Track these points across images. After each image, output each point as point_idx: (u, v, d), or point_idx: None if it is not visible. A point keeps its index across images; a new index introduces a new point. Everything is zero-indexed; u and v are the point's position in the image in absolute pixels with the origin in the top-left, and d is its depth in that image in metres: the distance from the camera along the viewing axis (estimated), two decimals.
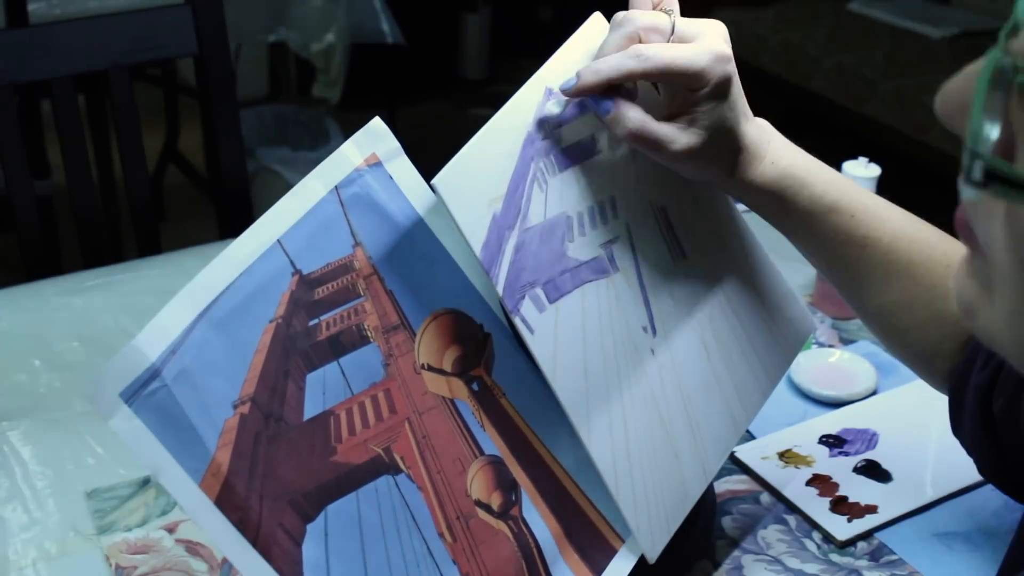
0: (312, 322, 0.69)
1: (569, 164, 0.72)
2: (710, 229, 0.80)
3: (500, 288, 0.67)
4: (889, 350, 0.82)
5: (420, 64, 3.57)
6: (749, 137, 0.73)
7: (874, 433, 1.01)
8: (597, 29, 0.75)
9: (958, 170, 0.38)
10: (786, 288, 0.86)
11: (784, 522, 0.92)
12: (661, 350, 0.76)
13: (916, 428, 1.01)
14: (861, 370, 1.08)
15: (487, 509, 0.71)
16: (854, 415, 1.04)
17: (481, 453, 0.71)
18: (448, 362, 0.72)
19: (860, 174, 1.13)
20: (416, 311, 0.71)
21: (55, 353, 1.10)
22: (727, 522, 0.91)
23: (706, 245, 0.80)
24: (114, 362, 0.63)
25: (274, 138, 2.85)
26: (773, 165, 0.74)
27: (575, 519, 0.74)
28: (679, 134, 0.70)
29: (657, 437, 0.75)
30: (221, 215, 1.53)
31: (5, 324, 1.15)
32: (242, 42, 2.83)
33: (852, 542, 0.89)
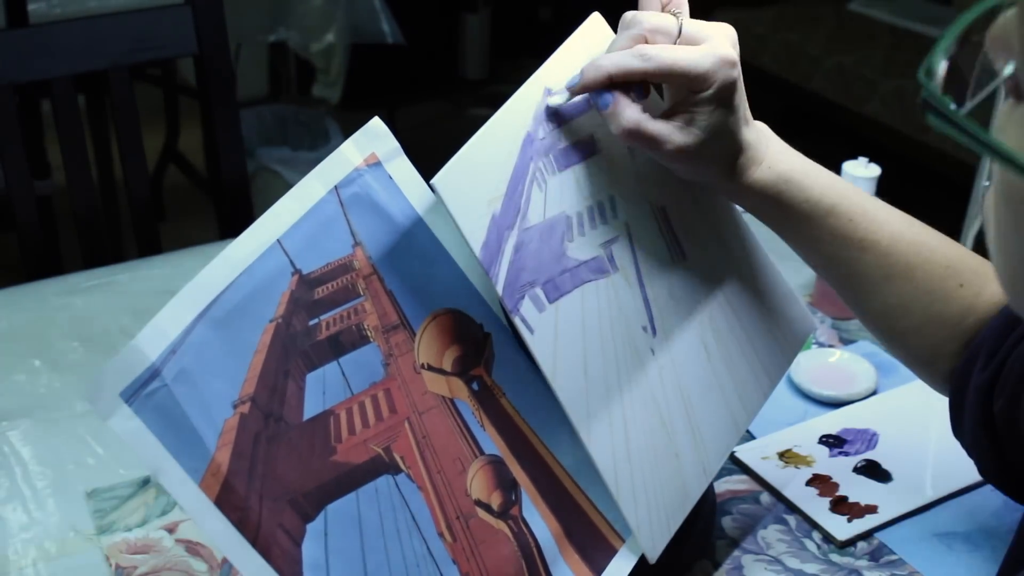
0: (312, 322, 0.69)
1: (568, 164, 0.72)
2: (710, 229, 0.80)
3: (500, 288, 0.67)
4: (889, 352, 0.82)
5: (420, 64, 3.57)
6: (748, 141, 0.73)
7: (874, 433, 1.01)
8: (596, 29, 0.75)
9: (958, 170, 0.38)
10: (786, 288, 0.86)
11: (784, 522, 0.92)
12: (661, 350, 0.76)
13: (916, 428, 1.01)
14: (861, 370, 1.08)
15: (487, 509, 0.71)
16: (854, 415, 1.04)
17: (481, 453, 0.71)
18: (448, 362, 0.72)
19: (860, 174, 1.13)
20: (416, 311, 0.71)
21: (55, 353, 1.10)
22: (727, 522, 0.91)
23: (706, 245, 0.80)
24: (114, 362, 0.63)
25: (274, 138, 2.85)
26: (771, 169, 0.74)
27: (575, 519, 0.74)
28: (676, 133, 0.70)
29: (657, 437, 0.75)
30: (221, 215, 1.53)
31: (5, 324, 1.15)
32: (242, 42, 2.83)
33: (852, 542, 0.89)
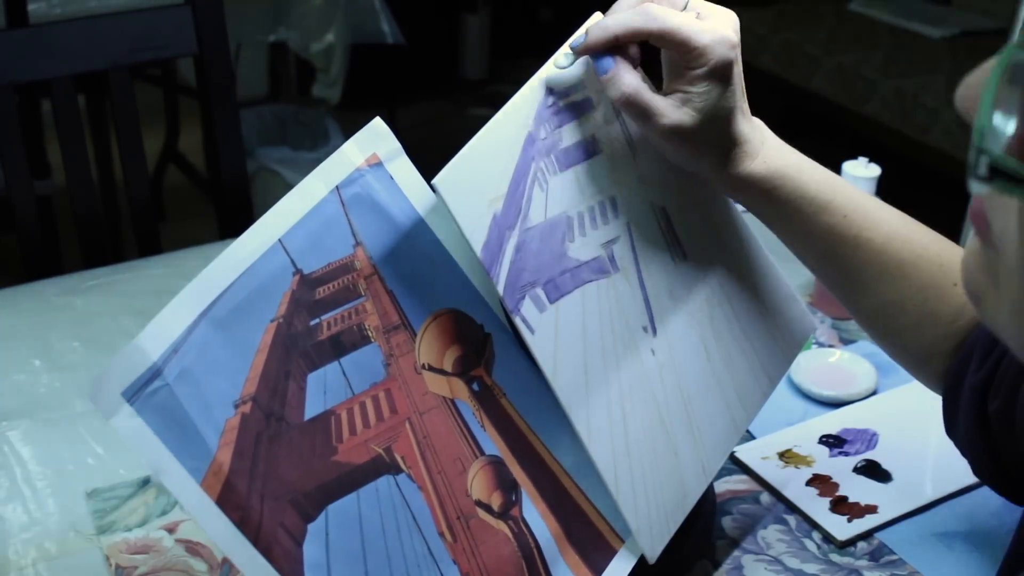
0: (313, 322, 0.69)
1: (570, 164, 0.72)
2: (710, 229, 0.80)
3: (501, 288, 0.68)
4: (883, 349, 0.82)
5: (420, 64, 3.57)
6: (744, 133, 0.73)
7: (874, 433, 1.01)
8: None
9: (958, 170, 0.38)
10: (786, 288, 0.86)
11: (784, 522, 0.92)
12: (661, 350, 0.76)
13: (916, 428, 1.01)
14: (861, 370, 1.08)
15: (487, 509, 0.71)
16: (854, 415, 1.04)
17: (481, 453, 0.71)
18: (449, 362, 0.72)
19: (860, 174, 1.14)
20: (417, 311, 0.71)
21: (55, 353, 1.10)
22: (727, 522, 0.91)
23: (706, 245, 0.80)
24: (116, 361, 0.63)
25: (274, 138, 2.85)
26: (765, 163, 0.74)
27: (575, 519, 0.74)
28: (671, 109, 0.70)
29: (657, 437, 0.75)
30: (221, 215, 1.52)
31: (5, 324, 1.15)
32: (242, 42, 2.83)
33: (852, 542, 0.89)
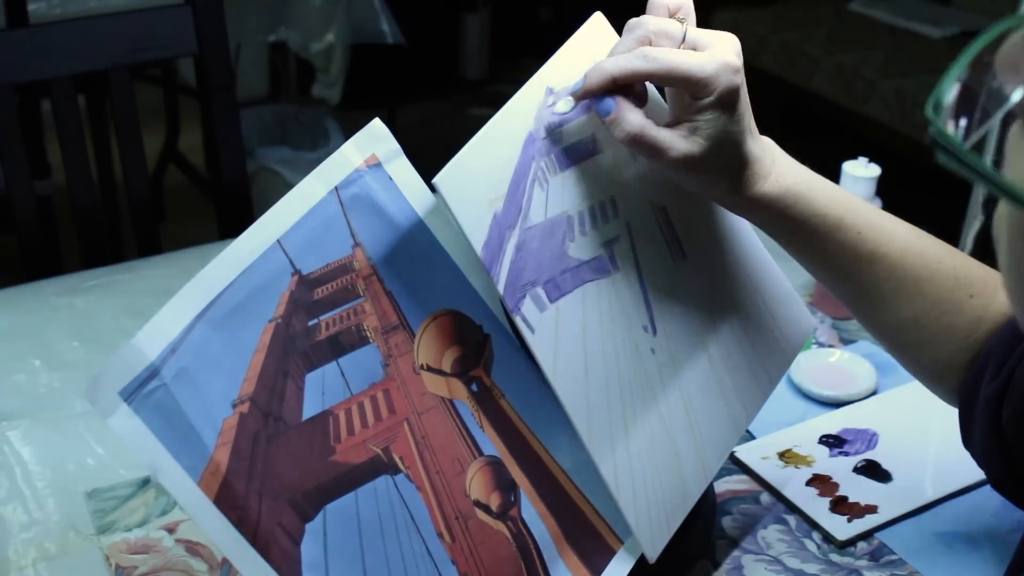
0: (311, 322, 0.69)
1: (570, 163, 0.72)
2: (710, 229, 0.80)
3: (501, 287, 0.67)
4: (900, 363, 0.81)
5: (420, 64, 3.56)
6: (753, 154, 0.72)
7: (874, 433, 1.01)
8: (598, 29, 0.75)
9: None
10: (786, 288, 0.86)
11: (784, 522, 0.92)
12: (661, 350, 0.76)
13: (916, 428, 1.01)
14: (861, 370, 1.08)
15: (486, 509, 0.71)
16: (854, 415, 1.04)
17: (480, 454, 0.71)
18: (447, 363, 0.72)
19: (860, 174, 1.13)
20: (415, 312, 0.71)
21: (55, 353, 1.10)
22: (727, 522, 0.91)
23: (706, 245, 0.80)
24: (113, 361, 0.63)
25: (274, 138, 2.85)
26: (777, 183, 0.73)
27: (574, 520, 0.74)
28: (679, 141, 0.69)
29: (657, 436, 0.75)
30: (221, 215, 1.52)
31: (5, 324, 1.15)
32: (242, 42, 2.83)
33: (852, 542, 0.89)
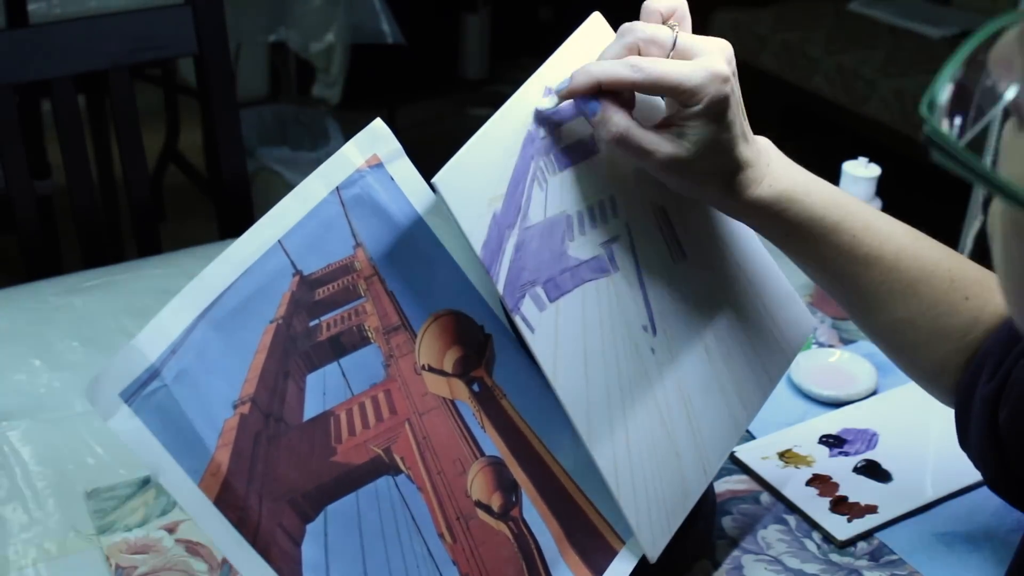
0: (313, 323, 0.69)
1: (569, 163, 0.72)
2: (710, 229, 0.80)
3: (500, 287, 0.67)
4: (896, 364, 0.81)
5: (420, 64, 3.56)
6: (746, 159, 0.71)
7: (874, 433, 1.01)
8: (597, 29, 0.75)
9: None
10: (786, 288, 0.86)
11: (784, 522, 0.92)
12: (661, 349, 0.76)
13: (916, 428, 1.01)
14: (861, 370, 1.08)
15: (487, 510, 0.71)
16: (854, 415, 1.04)
17: (481, 454, 0.71)
18: (449, 363, 0.72)
19: (860, 174, 1.13)
20: (417, 312, 0.71)
21: (55, 353, 1.10)
22: (727, 522, 0.91)
23: (706, 245, 0.80)
24: (114, 362, 0.63)
25: (274, 138, 2.84)
26: (772, 187, 0.72)
27: (575, 520, 0.74)
28: (665, 143, 0.69)
29: (658, 436, 0.75)
30: (221, 215, 1.52)
31: (5, 324, 1.15)
32: (242, 42, 2.83)
33: (852, 542, 0.89)
